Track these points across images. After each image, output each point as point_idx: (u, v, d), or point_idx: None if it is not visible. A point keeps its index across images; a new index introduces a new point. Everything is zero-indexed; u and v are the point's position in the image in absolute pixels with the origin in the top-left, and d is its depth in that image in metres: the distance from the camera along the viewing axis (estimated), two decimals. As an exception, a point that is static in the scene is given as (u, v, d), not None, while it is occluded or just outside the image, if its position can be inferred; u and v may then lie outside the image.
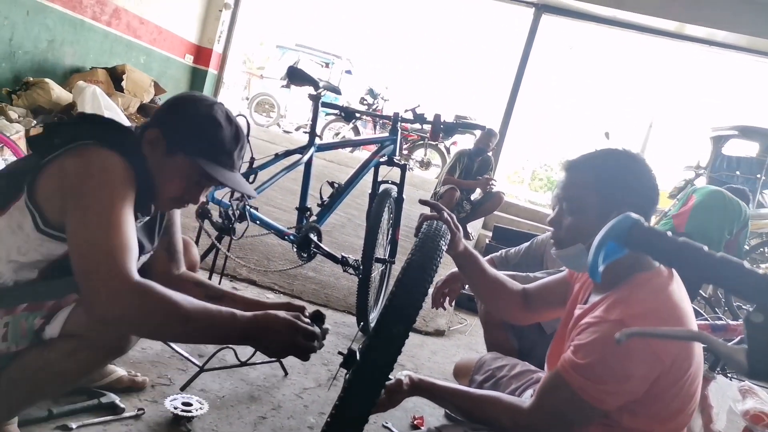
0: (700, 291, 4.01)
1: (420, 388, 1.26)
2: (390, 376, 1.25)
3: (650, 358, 1.07)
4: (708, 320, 2.18)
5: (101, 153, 1.15)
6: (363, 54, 14.72)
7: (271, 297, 3.06)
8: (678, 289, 1.17)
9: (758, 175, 8.17)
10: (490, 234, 5.71)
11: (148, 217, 1.37)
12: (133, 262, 1.06)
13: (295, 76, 2.34)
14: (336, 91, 2.62)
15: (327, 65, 11.98)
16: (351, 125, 8.68)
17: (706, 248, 0.75)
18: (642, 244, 0.76)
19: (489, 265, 1.65)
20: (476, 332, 3.43)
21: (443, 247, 1.19)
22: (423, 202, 1.54)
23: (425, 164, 9.06)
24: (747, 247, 7.08)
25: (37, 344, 1.16)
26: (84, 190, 1.10)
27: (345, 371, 1.10)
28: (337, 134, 9.34)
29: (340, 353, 1.18)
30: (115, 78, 5.10)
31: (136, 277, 1.04)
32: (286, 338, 1.10)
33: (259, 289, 3.08)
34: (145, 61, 6.13)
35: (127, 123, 4.39)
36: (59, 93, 4.32)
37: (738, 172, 8.31)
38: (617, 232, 0.75)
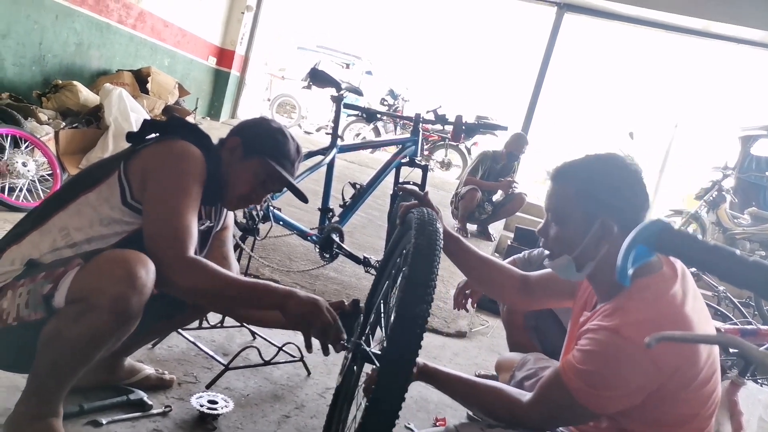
0: (729, 295, 3.92)
1: (425, 373, 1.27)
2: None
3: (649, 369, 1.07)
4: (737, 324, 2.14)
5: (184, 144, 1.37)
6: (383, 55, 14.72)
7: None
8: (683, 291, 1.15)
9: (789, 177, 7.97)
10: (511, 235, 5.67)
11: (207, 223, 1.55)
12: (192, 243, 1.27)
13: (318, 78, 2.36)
14: (358, 92, 2.64)
15: (348, 66, 12.02)
16: (372, 126, 8.69)
17: (737, 252, 0.74)
18: (671, 248, 0.75)
19: (511, 265, 1.65)
20: (498, 334, 3.41)
21: (441, 229, 1.19)
22: (401, 189, 1.57)
23: (446, 165, 9.02)
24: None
25: (51, 316, 1.20)
26: (163, 174, 1.32)
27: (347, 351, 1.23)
28: (357, 135, 9.36)
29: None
30: (140, 80, 5.18)
31: (190, 253, 1.26)
32: (308, 310, 1.24)
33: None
34: (169, 64, 6.22)
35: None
36: (87, 95, 4.40)
37: (767, 173, 8.12)
38: (646, 236, 0.74)
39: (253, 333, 2.33)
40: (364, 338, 1.30)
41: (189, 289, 1.25)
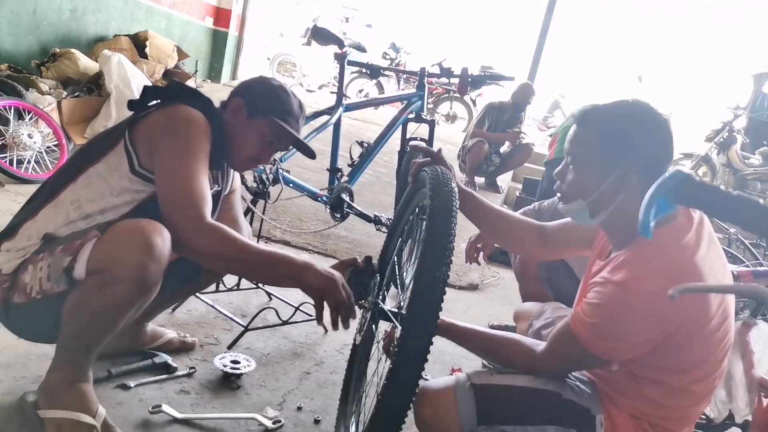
0: (740, 236, 3.91)
1: (443, 329, 1.29)
2: None
3: (656, 321, 1.08)
4: (749, 266, 2.15)
5: (188, 109, 1.36)
6: (383, 6, 14.29)
7: (305, 256, 3.13)
8: (696, 239, 1.13)
9: (802, 114, 7.82)
10: (520, 186, 5.64)
11: (215, 187, 1.55)
12: (207, 206, 1.27)
13: (320, 36, 2.31)
14: (361, 48, 2.58)
15: (347, 20, 11.73)
16: (375, 82, 8.55)
17: (761, 201, 0.73)
18: (693, 200, 0.74)
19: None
20: (509, 285, 3.45)
21: (456, 189, 1.18)
22: (413, 148, 1.55)
23: (451, 118, 8.91)
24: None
25: (74, 288, 1.23)
26: (171, 140, 1.31)
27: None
28: (360, 91, 9.23)
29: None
30: (138, 45, 5.09)
31: (208, 218, 1.26)
32: (324, 285, 1.24)
33: (293, 250, 3.14)
34: (165, 26, 6.09)
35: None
36: (86, 63, 4.34)
37: (779, 111, 7.96)
38: (668, 188, 0.73)
39: (269, 294, 2.37)
40: (381, 296, 1.32)
41: (208, 254, 1.26)
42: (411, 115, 2.62)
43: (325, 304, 1.25)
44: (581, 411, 1.20)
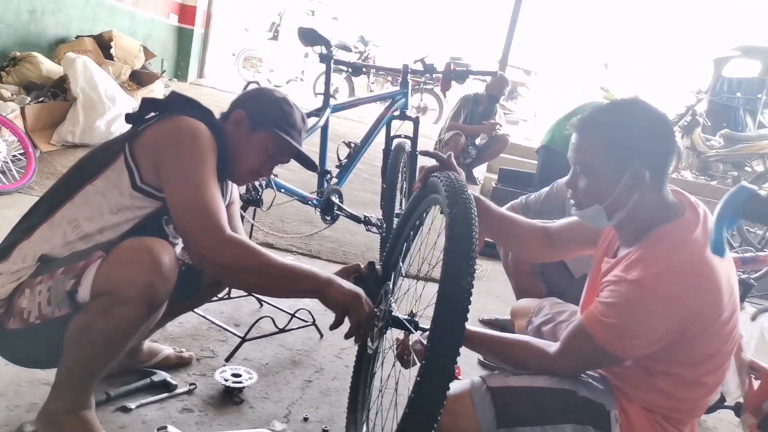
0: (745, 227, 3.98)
1: None
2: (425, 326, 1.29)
3: (672, 317, 1.10)
4: (738, 253, 2.22)
5: (190, 120, 1.31)
6: (347, -2, 14.15)
7: (290, 259, 3.08)
8: (704, 234, 1.15)
9: (759, 95, 8.09)
10: (495, 177, 5.68)
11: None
12: (225, 217, 1.22)
13: (307, 36, 2.26)
14: (347, 49, 2.54)
15: (312, 13, 11.57)
16: (344, 76, 8.47)
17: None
18: (759, 216, 0.74)
19: (510, 212, 1.64)
20: (494, 277, 3.47)
21: (472, 196, 1.17)
22: (424, 153, 1.54)
23: (422, 110, 8.93)
24: (750, 169, 7.10)
25: (77, 311, 1.18)
26: (178, 152, 1.26)
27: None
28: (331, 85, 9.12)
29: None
30: (103, 46, 4.92)
31: (228, 230, 1.20)
32: (349, 302, 1.21)
33: (277, 252, 3.09)
34: (129, 25, 5.90)
35: (121, 92, 4.23)
36: (49, 66, 4.17)
37: (739, 94, 8.22)
38: (735, 206, 0.73)
39: (260, 301, 2.33)
40: (390, 302, 1.30)
41: (230, 267, 1.19)
42: (396, 113, 2.60)
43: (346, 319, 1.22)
44: (596, 407, 1.21)
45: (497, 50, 6.97)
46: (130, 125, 1.36)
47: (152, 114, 1.37)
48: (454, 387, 1.23)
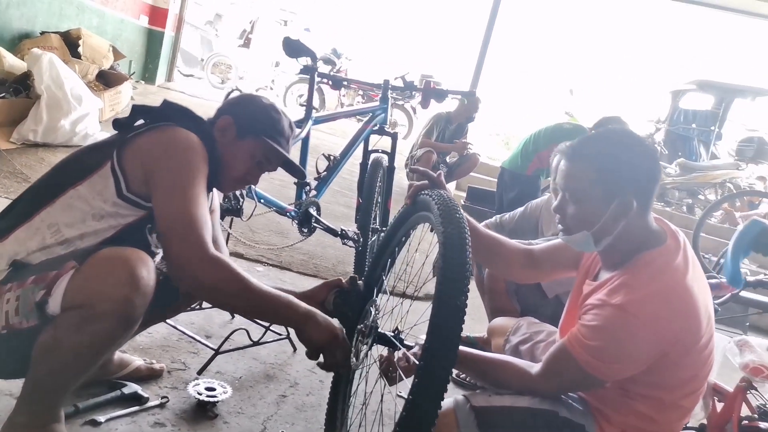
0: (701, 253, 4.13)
1: None
2: (409, 343, 1.29)
3: (653, 341, 1.13)
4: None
5: (184, 132, 1.28)
6: (321, 10, 14.19)
7: (260, 270, 3.03)
8: (684, 261, 1.20)
9: (712, 128, 8.50)
10: (464, 195, 5.76)
11: None
12: (209, 235, 1.20)
13: (291, 48, 2.25)
14: (331, 62, 2.55)
15: (285, 23, 11.55)
16: (316, 88, 8.43)
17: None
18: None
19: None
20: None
21: (465, 216, 1.18)
22: (414, 171, 1.56)
23: (392, 125, 8.98)
24: (703, 197, 7.43)
25: (47, 324, 1.13)
26: (171, 165, 1.23)
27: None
28: (300, 95, 9.09)
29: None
30: (70, 44, 4.76)
31: (212, 249, 1.17)
32: (325, 340, 1.20)
33: (247, 263, 3.04)
34: (98, 24, 5.75)
35: (87, 92, 4.11)
36: (12, 61, 4.02)
37: (694, 125, 8.62)
38: (749, 240, 0.77)
39: (232, 313, 2.28)
40: (374, 319, 1.30)
41: (208, 287, 1.16)
42: (375, 128, 2.61)
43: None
44: (577, 428, 1.23)
45: (467, 70, 7.11)
46: (117, 131, 1.32)
47: (142, 122, 1.33)
48: (438, 405, 1.23)
